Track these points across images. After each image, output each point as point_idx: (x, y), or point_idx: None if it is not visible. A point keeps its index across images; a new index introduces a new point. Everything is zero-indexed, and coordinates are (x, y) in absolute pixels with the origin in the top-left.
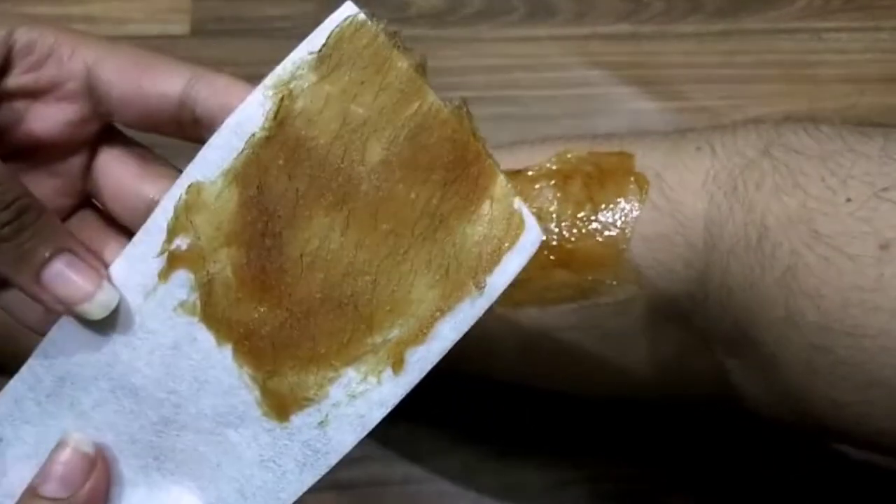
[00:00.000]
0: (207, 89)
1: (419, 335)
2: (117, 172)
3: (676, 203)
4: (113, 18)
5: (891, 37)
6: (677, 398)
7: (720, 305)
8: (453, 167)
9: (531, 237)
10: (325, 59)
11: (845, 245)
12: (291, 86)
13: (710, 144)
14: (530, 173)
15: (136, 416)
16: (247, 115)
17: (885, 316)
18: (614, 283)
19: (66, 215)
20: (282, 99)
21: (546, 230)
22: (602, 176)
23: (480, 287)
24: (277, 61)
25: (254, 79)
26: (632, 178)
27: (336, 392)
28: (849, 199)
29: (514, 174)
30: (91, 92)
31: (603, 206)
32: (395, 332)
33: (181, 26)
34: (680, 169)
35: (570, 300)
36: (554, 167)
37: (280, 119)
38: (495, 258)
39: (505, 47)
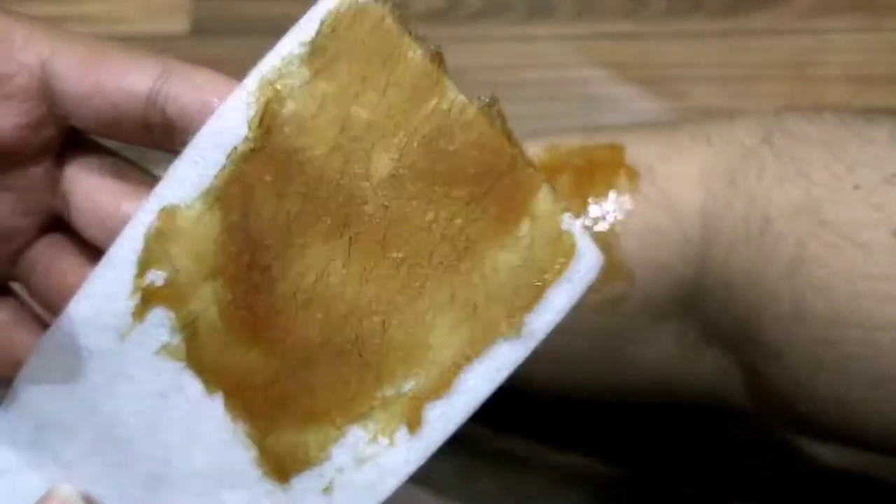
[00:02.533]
0: (182, 85)
1: (440, 387)
2: (90, 189)
3: (670, 196)
4: (112, 18)
5: (891, 37)
6: (673, 399)
7: (720, 302)
8: (481, 179)
9: (586, 264)
10: (320, 51)
11: (855, 233)
12: (279, 85)
13: (707, 135)
14: None
15: (124, 470)
16: (226, 122)
17: None
18: (604, 279)
19: (31, 239)
20: (268, 102)
21: None
22: (592, 169)
23: (518, 328)
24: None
25: None
26: (622, 171)
27: (340, 455)
28: (857, 186)
29: None
30: (45, 89)
31: (592, 200)
32: (410, 384)
33: (181, 25)
34: (674, 161)
35: None
36: (543, 160)
37: (266, 126)
38: (537, 292)
39: (505, 47)
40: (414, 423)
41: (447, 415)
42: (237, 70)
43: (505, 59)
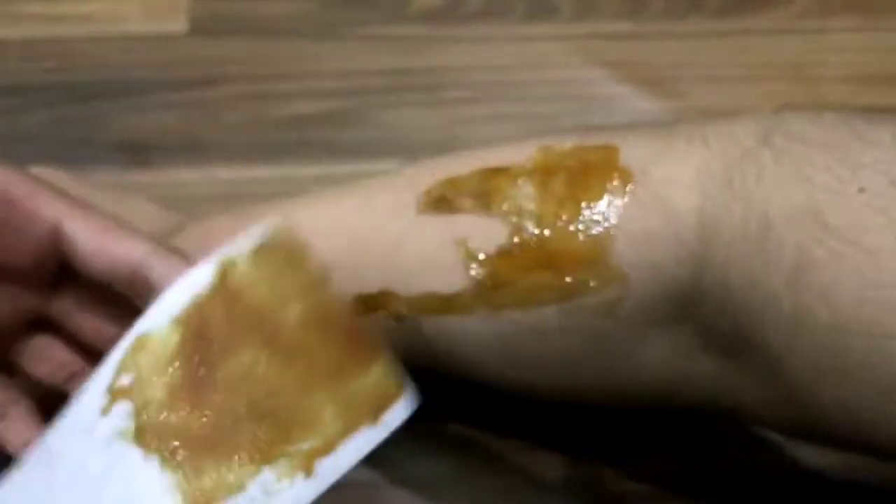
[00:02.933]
0: (164, 263)
1: (327, 449)
2: (83, 310)
3: (666, 198)
4: (110, 17)
5: (891, 37)
6: (672, 403)
7: (718, 306)
8: (351, 333)
9: (405, 402)
10: (260, 248)
11: (860, 238)
12: (235, 260)
13: (703, 135)
14: (511, 168)
15: None
16: (196, 276)
17: None
18: (598, 283)
19: (20, 334)
20: (225, 267)
21: (526, 230)
22: (586, 171)
23: (377, 421)
24: (276, 60)
25: (253, 79)
26: (616, 174)
27: (254, 488)
28: (861, 189)
29: (496, 172)
30: (56, 238)
31: (586, 202)
32: (307, 444)
33: (179, 25)
34: (670, 162)
35: (552, 302)
36: (536, 163)
37: (223, 282)
38: (386, 403)
39: (505, 47)
40: (309, 471)
41: (331, 468)
42: (235, 69)
43: (505, 59)
